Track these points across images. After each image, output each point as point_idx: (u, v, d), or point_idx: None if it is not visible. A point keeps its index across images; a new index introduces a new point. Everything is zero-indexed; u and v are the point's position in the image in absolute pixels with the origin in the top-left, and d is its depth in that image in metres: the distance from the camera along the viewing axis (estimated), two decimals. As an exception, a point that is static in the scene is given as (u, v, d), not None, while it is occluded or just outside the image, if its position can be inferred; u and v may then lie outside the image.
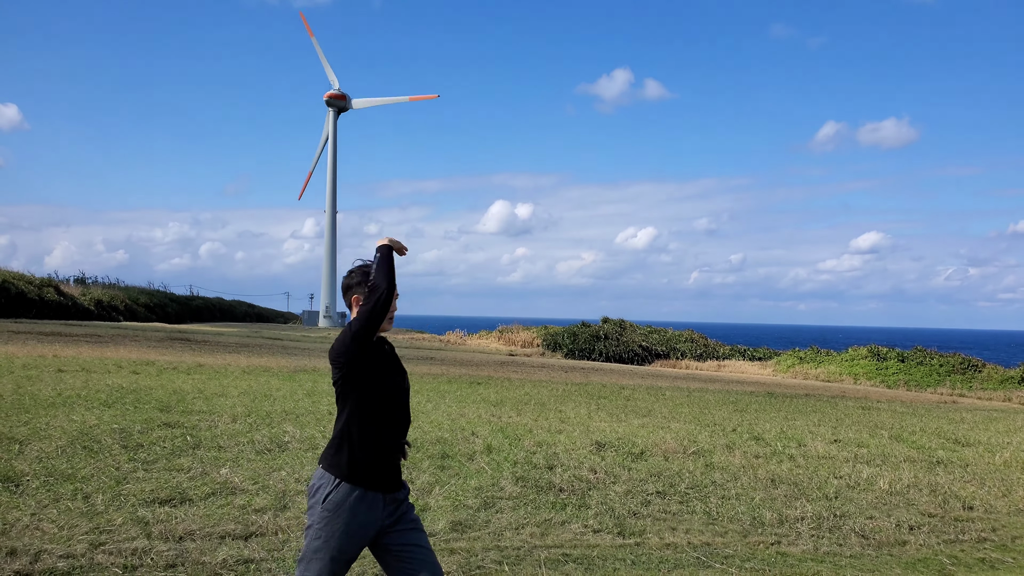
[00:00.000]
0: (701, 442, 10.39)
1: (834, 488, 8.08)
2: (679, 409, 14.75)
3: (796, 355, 39.34)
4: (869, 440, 11.75)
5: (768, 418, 14.09)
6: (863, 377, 32.84)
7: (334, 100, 65.10)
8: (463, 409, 12.40)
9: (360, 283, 3.37)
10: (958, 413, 18.12)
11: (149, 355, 18.83)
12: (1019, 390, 27.75)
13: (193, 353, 20.88)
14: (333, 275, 66.37)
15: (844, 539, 6.31)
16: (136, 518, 5.51)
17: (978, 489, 8.52)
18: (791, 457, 9.77)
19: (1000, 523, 7.15)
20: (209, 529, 5.38)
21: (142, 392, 11.61)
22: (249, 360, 19.73)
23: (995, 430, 14.34)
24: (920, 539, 6.42)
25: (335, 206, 66.56)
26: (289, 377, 15.89)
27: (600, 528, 6.15)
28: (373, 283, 3.23)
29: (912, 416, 16.39)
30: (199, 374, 15.14)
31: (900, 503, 7.65)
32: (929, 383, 30.33)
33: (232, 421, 9.62)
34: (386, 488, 3.26)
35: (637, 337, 43.40)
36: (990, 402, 24.68)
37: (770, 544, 6.04)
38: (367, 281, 3.31)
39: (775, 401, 18.39)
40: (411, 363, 23.82)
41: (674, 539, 6.00)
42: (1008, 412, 19.90)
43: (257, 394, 12.44)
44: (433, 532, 5.70)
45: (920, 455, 10.60)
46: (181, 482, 6.54)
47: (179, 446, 7.93)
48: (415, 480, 7.19)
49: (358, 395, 3.25)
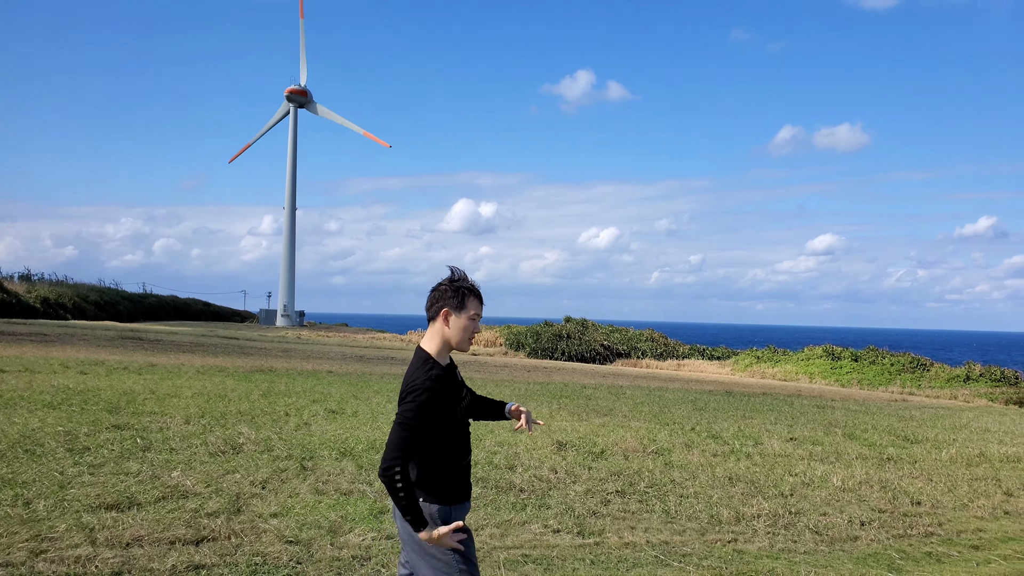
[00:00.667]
0: (660, 441, 10.47)
1: (789, 485, 8.20)
2: (639, 408, 14.85)
3: (754, 354, 39.96)
4: (823, 438, 11.96)
5: (726, 417, 14.26)
6: (818, 376, 33.47)
7: (295, 95, 64.26)
8: (422, 409, 12.31)
9: (452, 297, 3.14)
10: (908, 411, 18.56)
11: (98, 355, 18.35)
12: (964, 388, 28.55)
13: (145, 353, 20.41)
14: (292, 273, 65.55)
15: (799, 536, 6.39)
16: (80, 524, 5.33)
17: (925, 485, 8.72)
18: (748, 455, 9.89)
19: (946, 518, 7.32)
20: (158, 534, 5.24)
21: (90, 393, 11.30)
22: (204, 360, 19.35)
23: (942, 427, 14.71)
24: (871, 534, 6.54)
25: (295, 203, 65.77)
26: (245, 377, 15.62)
27: (560, 528, 6.13)
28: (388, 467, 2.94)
29: (865, 414, 16.74)
30: (151, 374, 14.79)
31: (852, 499, 7.79)
32: (881, 382, 31.03)
33: (185, 422, 9.41)
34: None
35: (599, 336, 43.66)
36: (938, 400, 25.34)
37: (727, 542, 6.10)
38: (457, 297, 3.13)
39: (733, 400, 18.63)
40: (371, 363, 23.63)
41: (633, 538, 6.02)
42: (954, 410, 20.44)
43: (211, 395, 12.20)
44: (392, 535, 5.63)
45: (872, 452, 10.82)
46: (129, 486, 6.36)
47: (128, 449, 7.72)
48: (373, 483, 7.10)
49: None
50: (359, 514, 6.06)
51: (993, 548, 6.41)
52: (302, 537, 5.43)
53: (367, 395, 13.83)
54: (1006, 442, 12.74)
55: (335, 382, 16.07)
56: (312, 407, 11.59)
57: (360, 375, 18.46)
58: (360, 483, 7.02)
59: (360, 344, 36.87)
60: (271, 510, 6.00)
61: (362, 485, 6.95)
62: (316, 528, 5.65)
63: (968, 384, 29.41)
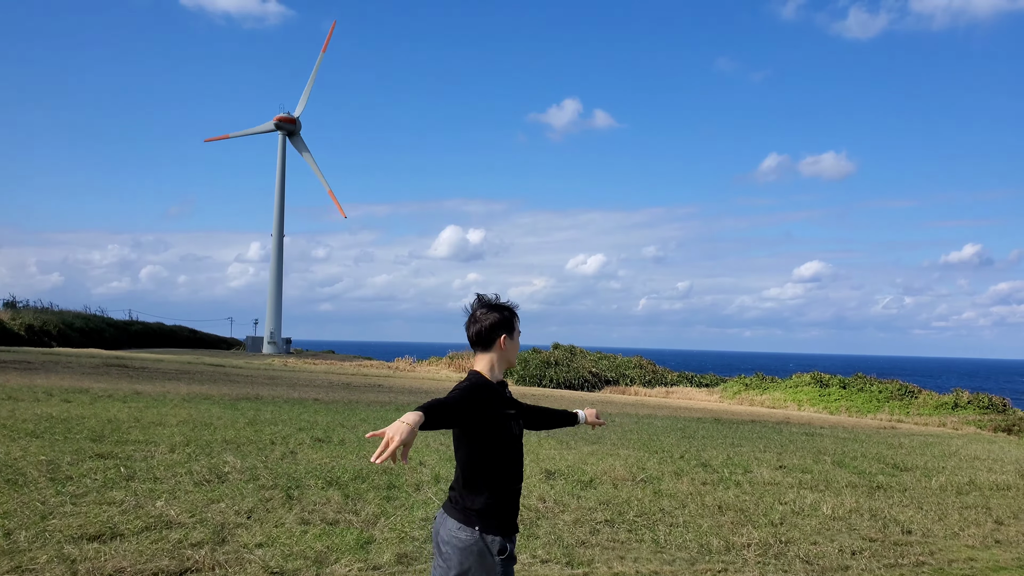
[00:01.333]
0: (650, 469, 10.41)
1: (779, 514, 8.16)
2: (628, 436, 14.79)
3: (742, 382, 39.97)
4: (813, 466, 11.94)
5: (715, 445, 14.22)
6: (807, 403, 33.49)
7: (283, 123, 64.36)
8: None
9: (507, 324, 3.27)
10: (897, 438, 18.57)
11: (83, 382, 18.15)
12: (953, 415, 28.62)
13: (130, 380, 20.21)
14: (279, 300, 65.24)
15: (789, 565, 6.35)
16: (61, 555, 5.23)
17: (916, 513, 8.70)
18: (737, 483, 9.85)
19: (937, 547, 7.29)
20: (141, 566, 5.14)
21: (73, 421, 11.15)
22: (189, 388, 19.17)
23: (931, 455, 14.72)
24: (862, 564, 6.50)
25: (282, 229, 65.58)
26: (231, 405, 15.47)
27: (548, 558, 6.07)
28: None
29: (854, 442, 16.74)
30: (136, 402, 14.63)
31: (842, 528, 7.75)
32: (869, 409, 31.08)
33: (170, 451, 9.29)
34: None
35: (587, 363, 43.60)
36: (926, 427, 25.39)
37: (717, 572, 6.05)
38: (512, 322, 3.29)
39: (722, 428, 18.59)
40: (358, 391, 23.47)
41: (622, 568, 5.96)
42: (943, 437, 20.47)
43: (197, 423, 12.07)
44: (378, 565, 5.56)
45: (861, 480, 10.80)
46: (112, 516, 6.25)
47: (111, 478, 7.61)
48: (360, 511, 7.02)
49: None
50: (345, 544, 5.98)
51: (984, 577, 6.38)
52: (287, 568, 5.34)
53: (354, 423, 13.72)
54: (995, 470, 12.75)
55: (321, 410, 15.94)
56: (298, 435, 11.48)
57: (347, 403, 18.33)
58: (347, 513, 6.93)
59: (347, 372, 36.65)
60: (256, 540, 5.91)
61: (348, 515, 6.87)
62: (302, 559, 5.56)
63: (956, 411, 29.50)
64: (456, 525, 3.15)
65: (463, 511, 3.16)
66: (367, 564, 5.56)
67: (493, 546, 3.09)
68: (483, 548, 3.09)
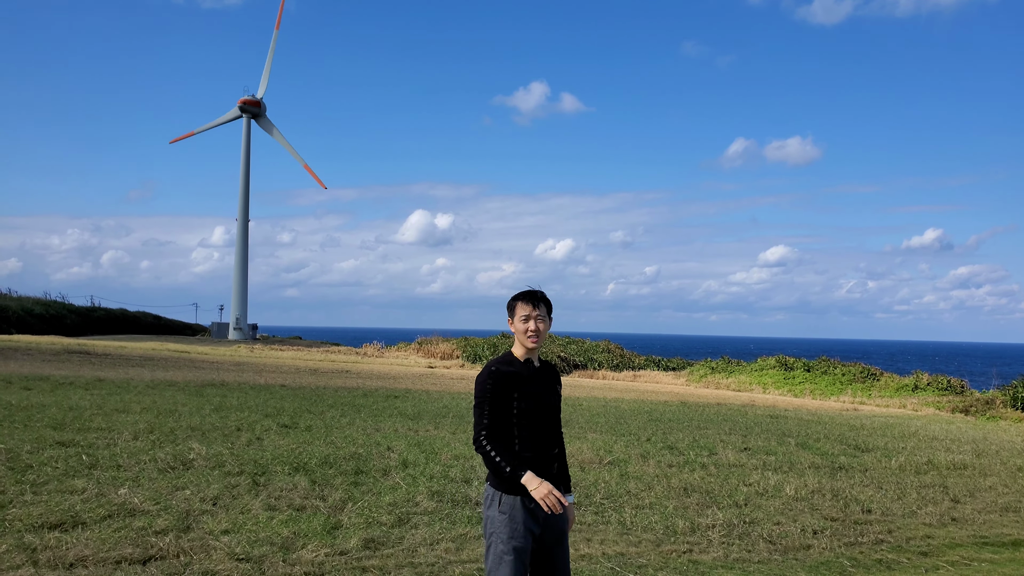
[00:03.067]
0: (616, 452, 10.51)
1: (744, 495, 8.29)
2: (595, 420, 14.90)
3: (708, 365, 40.44)
4: (777, 448, 12.14)
5: (681, 427, 14.39)
6: (771, 387, 34.01)
7: (248, 106, 63.32)
8: (379, 423, 12.19)
9: (508, 309, 3.72)
10: (859, 420, 18.96)
11: (43, 370, 17.79)
12: (913, 397, 29.27)
13: (93, 367, 19.86)
14: (244, 285, 64.43)
15: (753, 545, 6.46)
16: (22, 544, 5.14)
17: (876, 493, 8.90)
18: (703, 466, 9.99)
19: (896, 525, 7.47)
20: (104, 554, 5.08)
21: (34, 409, 10.94)
22: (153, 374, 18.90)
23: (891, 436, 15.05)
24: (823, 543, 6.64)
25: (247, 214, 64.68)
26: (196, 392, 15.29)
27: (516, 541, 6.10)
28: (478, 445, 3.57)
29: (817, 424, 17.05)
30: (98, 389, 14.39)
31: (805, 508, 7.91)
32: (833, 392, 31.65)
33: (133, 438, 9.17)
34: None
35: (556, 348, 43.77)
36: (887, 409, 25.95)
37: (682, 552, 6.13)
38: (510, 306, 3.70)
39: (688, 411, 18.82)
40: (325, 377, 23.34)
41: (589, 550, 6.02)
42: (903, 418, 20.95)
43: (161, 410, 11.91)
44: (345, 550, 5.55)
45: (824, 461, 11.01)
46: (74, 504, 6.16)
47: (73, 466, 7.48)
48: (327, 497, 6.99)
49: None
50: (312, 530, 5.96)
51: (941, 554, 6.56)
52: (254, 554, 5.31)
53: (321, 409, 13.64)
54: (953, 450, 13.09)
55: (288, 396, 15.82)
56: (265, 421, 11.39)
57: (314, 389, 18.21)
58: (313, 498, 6.90)
59: (314, 358, 36.39)
60: (222, 527, 5.86)
61: (315, 500, 6.84)
62: (268, 545, 5.53)
63: (916, 393, 30.17)
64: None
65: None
66: (334, 549, 5.54)
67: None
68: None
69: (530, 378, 3.61)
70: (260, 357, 33.48)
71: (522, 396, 3.55)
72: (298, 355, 37.94)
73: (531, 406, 3.56)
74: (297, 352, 40.87)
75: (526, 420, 3.54)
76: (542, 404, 3.59)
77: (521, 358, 3.67)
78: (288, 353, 39.15)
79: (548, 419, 3.61)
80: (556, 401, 3.69)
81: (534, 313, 3.65)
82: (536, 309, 3.66)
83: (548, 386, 3.67)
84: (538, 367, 3.70)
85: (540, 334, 3.64)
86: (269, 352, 39.08)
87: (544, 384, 3.66)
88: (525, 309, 3.66)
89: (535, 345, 3.64)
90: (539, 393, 3.60)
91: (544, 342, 3.78)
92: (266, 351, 39.91)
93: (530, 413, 3.55)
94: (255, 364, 27.34)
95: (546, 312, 3.73)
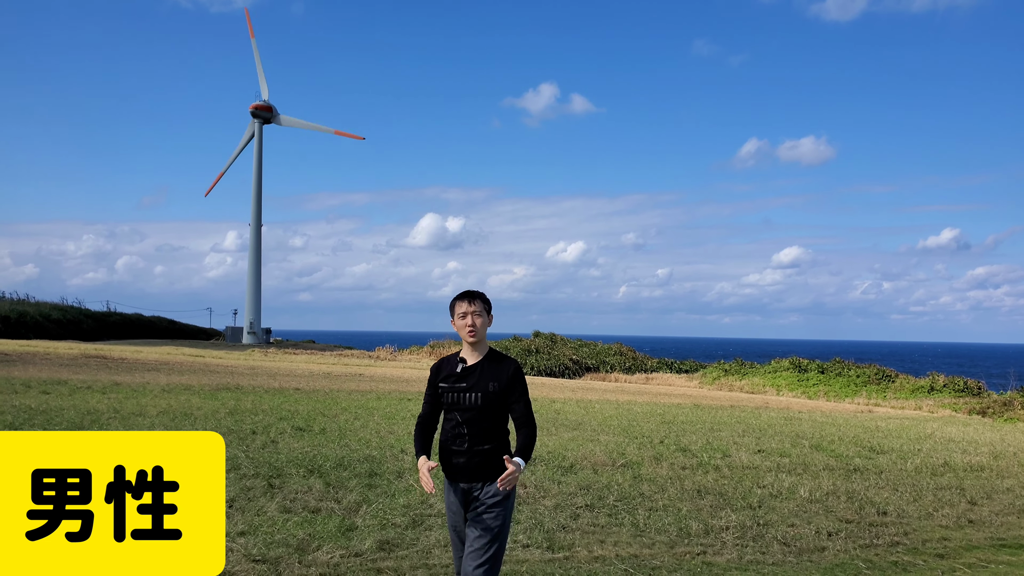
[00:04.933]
0: (629, 454, 10.50)
1: (757, 497, 8.27)
2: (608, 422, 14.89)
3: (721, 367, 40.32)
4: (791, 450, 12.09)
5: (694, 430, 14.36)
6: (785, 389, 33.87)
7: (260, 111, 63.67)
8: (392, 426, 12.23)
9: (451, 307, 4.04)
10: (874, 422, 18.84)
11: (61, 374, 17.97)
12: (929, 399, 29.07)
13: (109, 372, 20.04)
14: (257, 290, 64.74)
15: (767, 547, 6.45)
16: (41, 546, 5.20)
17: (891, 495, 8.85)
18: (716, 468, 9.96)
19: (911, 527, 7.43)
20: (121, 556, 5.13)
21: (52, 413, 11.06)
22: (169, 378, 19.04)
23: (907, 437, 14.95)
24: (838, 545, 6.62)
25: (260, 219, 65.03)
26: (211, 395, 15.40)
27: (529, 543, 6.12)
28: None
29: (831, 426, 16.96)
30: (115, 393, 14.52)
31: (819, 510, 7.88)
32: (847, 393, 31.48)
33: (149, 442, 9.24)
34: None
35: (568, 351, 43.78)
36: (903, 411, 25.77)
37: (696, 554, 6.13)
38: (451, 307, 4.02)
39: (701, 413, 18.76)
40: (339, 380, 23.43)
41: (602, 552, 6.02)
42: (919, 420, 20.80)
43: (177, 413, 12.00)
44: (360, 552, 5.58)
45: (838, 463, 10.96)
46: (92, 507, 6.22)
47: (91, 469, 7.56)
48: (341, 499, 7.03)
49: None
50: (327, 532, 6.00)
51: (958, 557, 6.52)
52: (269, 556, 5.35)
53: (334, 412, 13.71)
54: (969, 452, 12.98)
55: (302, 399, 15.91)
56: (279, 424, 11.46)
57: (327, 392, 18.29)
58: (328, 500, 6.95)
59: (328, 361, 36.55)
60: (238, 529, 5.91)
61: (330, 503, 6.88)
62: (284, 546, 5.58)
63: (932, 395, 29.95)
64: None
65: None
66: (349, 551, 5.58)
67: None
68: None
69: (460, 374, 3.89)
70: (274, 361, 33.66)
71: (446, 390, 3.90)
72: (312, 359, 38.12)
73: (452, 400, 3.88)
74: (311, 356, 41.05)
75: (449, 412, 3.92)
76: (461, 398, 3.85)
77: (462, 355, 3.96)
78: (302, 357, 39.33)
79: (468, 412, 3.84)
80: (486, 398, 3.84)
81: (470, 309, 3.91)
82: (471, 305, 3.93)
83: (480, 381, 3.87)
84: (474, 363, 3.91)
85: (477, 328, 3.89)
86: (283, 356, 39.29)
87: (477, 379, 3.87)
88: (462, 307, 3.94)
89: (473, 339, 3.88)
90: (464, 388, 3.85)
91: (483, 336, 3.98)
92: (280, 355, 40.12)
93: (452, 406, 3.89)
94: (269, 368, 27.50)
95: (483, 308, 3.97)
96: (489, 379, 3.85)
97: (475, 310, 3.92)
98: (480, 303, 3.96)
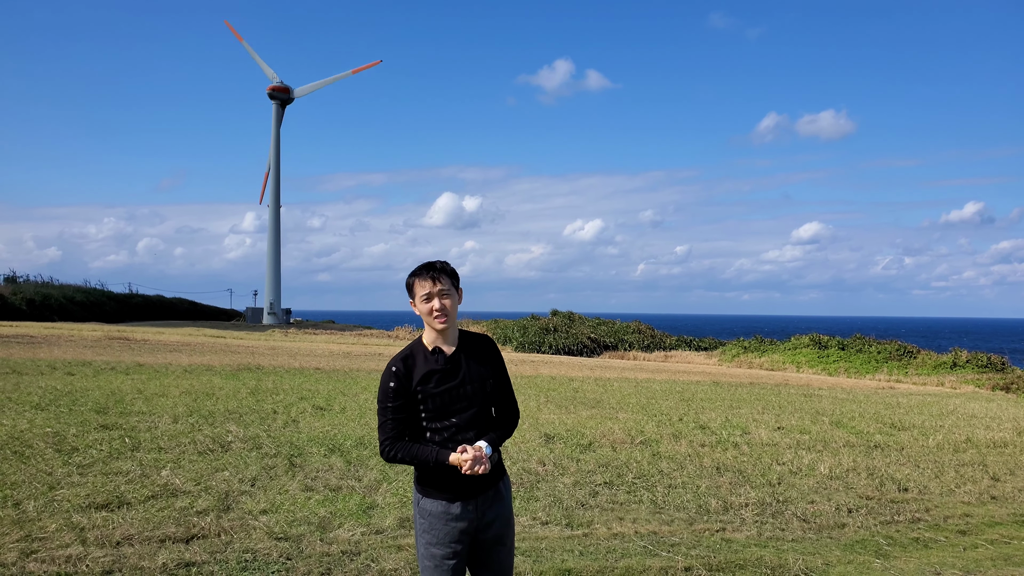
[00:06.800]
0: (648, 432, 10.52)
1: (777, 474, 8.26)
2: (627, 400, 14.90)
3: (740, 345, 40.16)
4: (811, 427, 12.05)
5: (713, 407, 14.34)
6: (805, 365, 33.68)
7: (277, 92, 63.79)
8: (412, 404, 12.32)
9: (408, 291, 3.18)
10: (895, 398, 18.72)
11: (85, 355, 18.23)
12: (951, 375, 28.81)
13: (132, 353, 20.30)
14: (277, 270, 65.21)
15: (786, 524, 6.45)
16: (71, 524, 5.31)
17: (912, 471, 8.81)
18: (736, 445, 9.95)
19: (933, 503, 7.39)
20: (148, 533, 5.23)
21: (78, 394, 11.23)
22: (191, 359, 19.27)
23: (928, 414, 14.85)
24: (858, 521, 6.60)
25: (279, 200, 65.36)
26: (232, 376, 15.57)
27: (548, 520, 6.16)
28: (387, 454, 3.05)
29: (852, 402, 16.87)
30: (138, 374, 14.72)
31: (839, 487, 7.86)
32: (868, 370, 31.27)
33: (173, 421, 9.38)
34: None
35: (586, 329, 43.77)
36: (924, 387, 25.57)
37: (715, 531, 6.14)
38: (408, 288, 3.17)
39: (720, 390, 18.72)
40: (358, 360, 23.59)
41: (622, 529, 6.05)
42: (941, 396, 20.64)
43: (199, 393, 12.16)
44: (381, 529, 5.65)
45: (859, 440, 10.91)
46: (119, 485, 6.34)
47: (117, 448, 7.69)
48: (362, 477, 7.11)
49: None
50: (348, 510, 6.07)
51: (980, 533, 6.49)
52: (291, 533, 5.43)
53: (355, 391, 13.82)
54: (992, 428, 12.87)
55: (322, 379, 16.04)
56: (300, 404, 11.57)
57: (347, 372, 18.43)
58: (349, 479, 7.02)
59: (347, 341, 36.80)
60: (260, 507, 6.00)
61: (351, 481, 6.95)
62: (305, 524, 5.65)
63: (955, 371, 29.68)
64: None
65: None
66: (370, 528, 5.64)
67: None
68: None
69: (441, 371, 3.08)
70: (294, 341, 33.95)
71: (428, 395, 3.05)
72: (331, 339, 38.39)
73: (443, 403, 3.06)
74: (330, 336, 41.36)
75: (438, 420, 3.06)
76: (457, 396, 3.08)
77: (430, 345, 3.13)
78: (322, 337, 39.63)
79: (467, 412, 3.09)
80: (481, 387, 3.13)
81: (435, 289, 3.08)
82: (437, 283, 3.09)
83: (469, 372, 3.12)
84: (453, 352, 3.13)
85: (448, 311, 3.08)
86: (303, 336, 39.59)
87: (462, 372, 3.11)
88: (424, 286, 3.10)
89: (444, 326, 3.09)
90: (453, 386, 3.07)
91: (455, 318, 3.16)
92: (300, 335, 40.43)
93: (443, 411, 3.06)
94: (289, 348, 27.74)
95: (451, 284, 3.13)
96: (479, 365, 3.15)
97: (442, 289, 3.09)
98: (447, 279, 3.11)
